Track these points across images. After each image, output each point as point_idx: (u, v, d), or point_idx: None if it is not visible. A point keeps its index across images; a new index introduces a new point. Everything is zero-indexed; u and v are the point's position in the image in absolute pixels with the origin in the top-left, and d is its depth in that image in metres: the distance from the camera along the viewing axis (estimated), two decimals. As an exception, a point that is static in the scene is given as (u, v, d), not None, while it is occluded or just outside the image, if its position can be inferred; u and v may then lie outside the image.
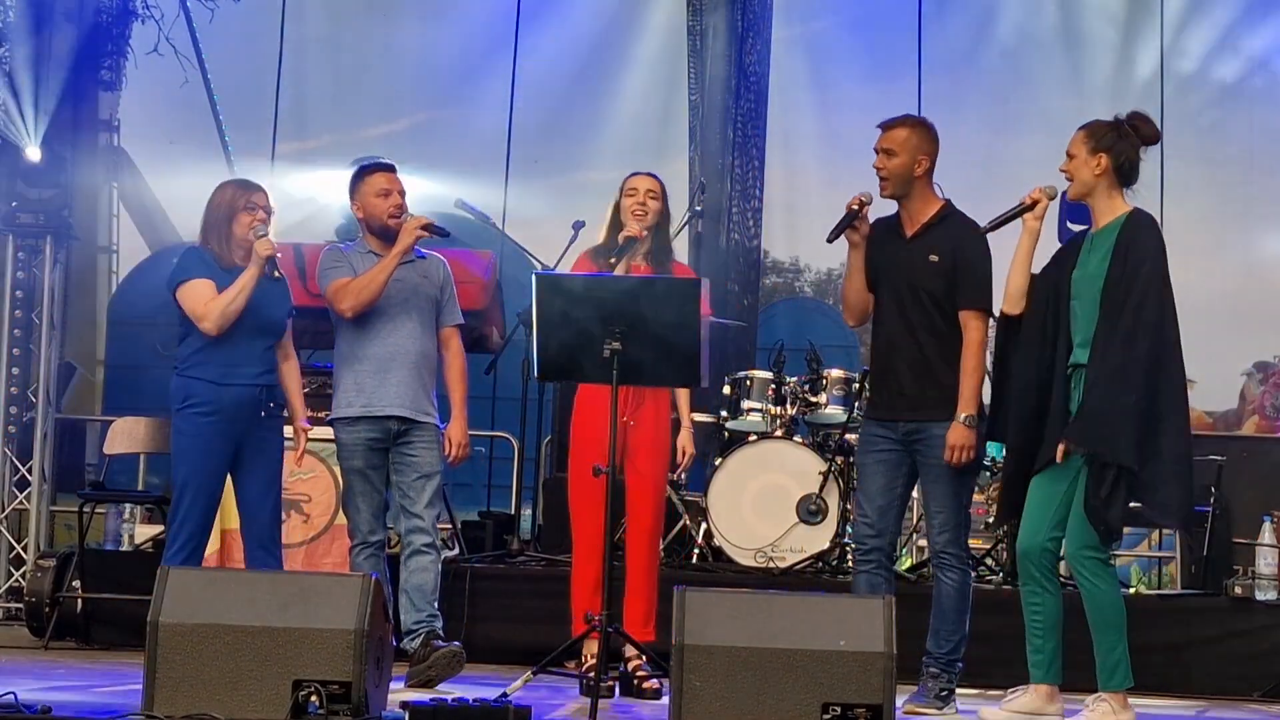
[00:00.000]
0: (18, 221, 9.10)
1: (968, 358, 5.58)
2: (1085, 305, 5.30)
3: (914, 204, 5.69)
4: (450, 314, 6.34)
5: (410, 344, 6.18)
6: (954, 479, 5.62)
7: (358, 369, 6.18)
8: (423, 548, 6.12)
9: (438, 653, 5.93)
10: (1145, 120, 5.40)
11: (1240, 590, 7.22)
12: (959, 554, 5.68)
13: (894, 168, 5.63)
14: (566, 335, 5.48)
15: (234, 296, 5.87)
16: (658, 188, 6.21)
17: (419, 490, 6.15)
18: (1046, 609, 5.38)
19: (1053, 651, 5.39)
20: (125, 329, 11.37)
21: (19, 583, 8.73)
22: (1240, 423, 11.14)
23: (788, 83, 11.03)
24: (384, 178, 6.27)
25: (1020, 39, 11.34)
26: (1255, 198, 11.10)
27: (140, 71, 10.57)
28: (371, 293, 6.10)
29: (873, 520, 5.70)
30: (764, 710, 4.56)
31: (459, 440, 6.25)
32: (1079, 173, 5.35)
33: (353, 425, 6.17)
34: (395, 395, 6.14)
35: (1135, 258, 5.23)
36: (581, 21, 11.53)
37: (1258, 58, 11.16)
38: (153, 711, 4.56)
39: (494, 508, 8.85)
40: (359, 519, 6.18)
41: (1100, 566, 5.26)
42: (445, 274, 6.36)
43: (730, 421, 8.08)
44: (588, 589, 5.94)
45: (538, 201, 11.10)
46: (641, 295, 5.53)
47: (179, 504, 5.96)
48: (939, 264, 5.61)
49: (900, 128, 5.66)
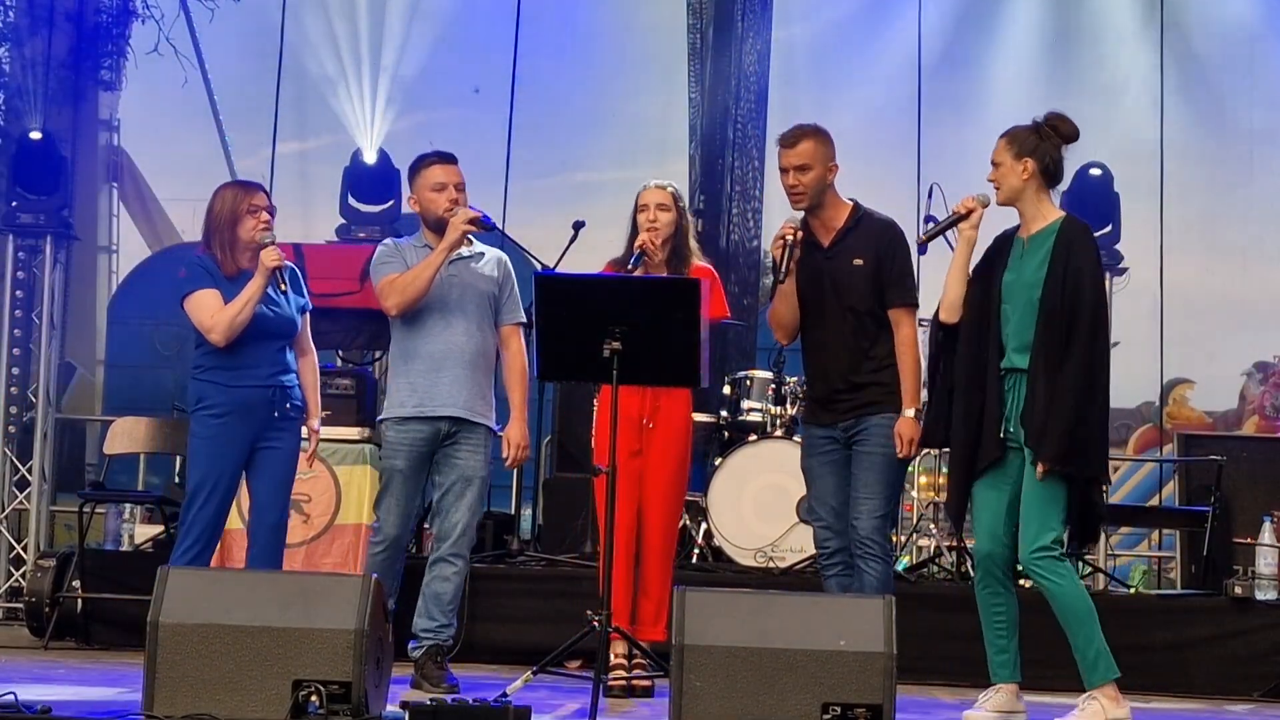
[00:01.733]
0: (18, 221, 9.10)
1: (905, 355, 5.63)
2: (1018, 310, 5.34)
3: (826, 212, 5.72)
4: (511, 312, 6.20)
5: (464, 341, 6.05)
6: (886, 469, 5.63)
7: (410, 368, 6.06)
8: (449, 556, 6.04)
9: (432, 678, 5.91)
10: (1063, 119, 5.43)
11: (1240, 590, 7.22)
12: (883, 543, 5.65)
13: (809, 181, 5.65)
14: (567, 335, 5.48)
15: (240, 308, 5.84)
16: (668, 199, 6.19)
17: (458, 494, 6.05)
18: (1009, 609, 5.43)
19: (1015, 650, 5.44)
20: (125, 329, 11.36)
21: (19, 583, 8.74)
22: (1240, 423, 11.14)
23: (788, 83, 11.03)
24: (441, 170, 6.10)
25: (1020, 39, 11.34)
26: (1255, 198, 11.10)
27: (140, 71, 10.58)
28: (417, 289, 5.96)
29: (830, 523, 5.71)
30: (764, 710, 4.56)
31: (517, 442, 6.13)
32: (1006, 179, 5.40)
33: (403, 425, 6.06)
34: (449, 394, 6.02)
35: (1074, 266, 5.28)
36: (581, 21, 11.53)
37: (1258, 58, 11.16)
38: (153, 711, 4.56)
39: (494, 508, 8.84)
40: (388, 519, 6.07)
41: (1055, 564, 5.27)
42: (505, 270, 6.21)
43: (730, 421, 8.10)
44: (617, 588, 5.90)
45: (538, 201, 11.10)
46: (641, 295, 5.54)
47: (190, 504, 5.93)
48: (863, 268, 5.64)
49: (805, 140, 5.67)
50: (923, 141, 10.59)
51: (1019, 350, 5.32)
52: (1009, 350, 5.35)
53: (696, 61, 10.63)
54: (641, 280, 5.89)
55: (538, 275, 5.63)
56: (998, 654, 5.45)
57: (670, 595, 5.99)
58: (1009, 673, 5.44)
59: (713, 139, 10.51)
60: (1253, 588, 7.24)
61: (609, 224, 6.40)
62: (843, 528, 5.69)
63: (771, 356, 8.35)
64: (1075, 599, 5.28)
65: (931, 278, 5.85)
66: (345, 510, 7.59)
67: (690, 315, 5.41)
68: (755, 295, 10.59)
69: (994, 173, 5.43)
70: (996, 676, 5.46)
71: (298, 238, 9.05)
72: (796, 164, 5.65)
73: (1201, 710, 6.58)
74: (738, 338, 10.08)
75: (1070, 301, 5.24)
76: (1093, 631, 5.26)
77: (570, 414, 8.50)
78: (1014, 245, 5.45)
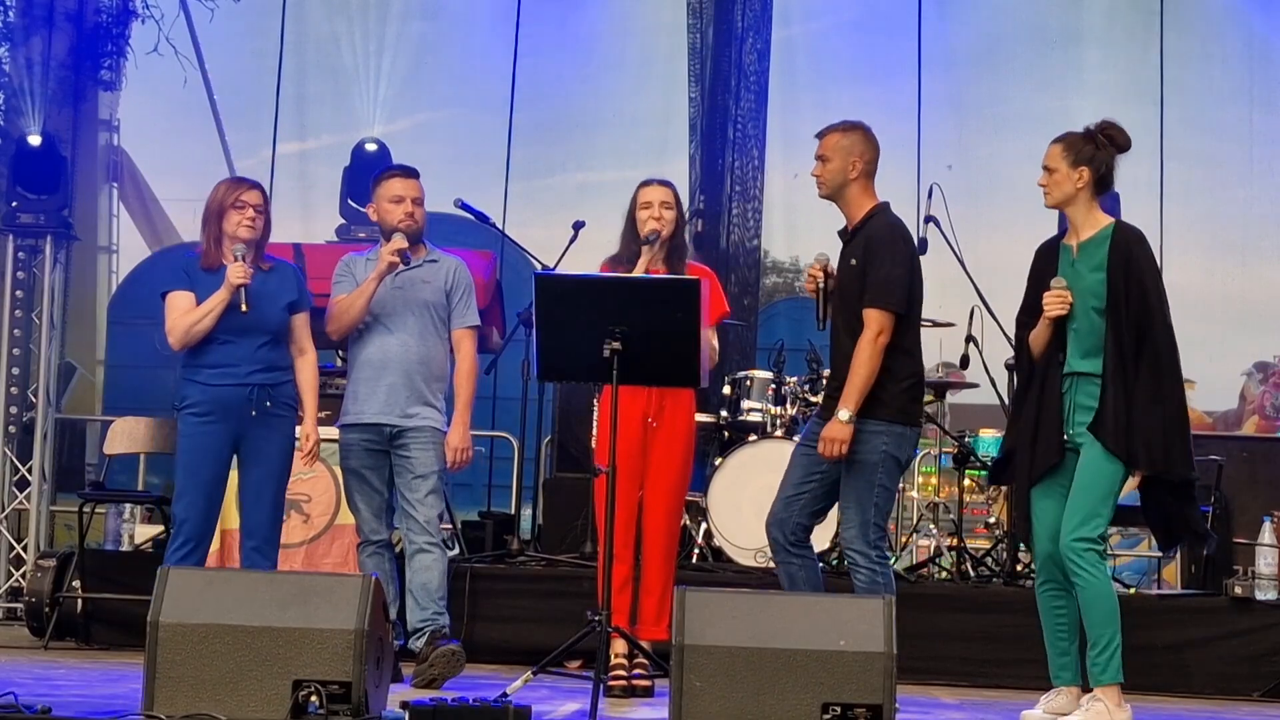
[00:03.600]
0: (18, 221, 9.11)
1: (859, 355, 5.50)
2: (1077, 317, 5.36)
3: (847, 208, 5.73)
4: (461, 316, 6.34)
5: (402, 351, 6.21)
6: (863, 474, 5.54)
7: (355, 376, 6.28)
8: (425, 546, 6.15)
9: (437, 651, 5.94)
10: (1119, 129, 5.47)
11: (1240, 590, 7.22)
12: (865, 551, 5.55)
13: (826, 172, 5.68)
14: (567, 335, 5.48)
15: (199, 319, 5.94)
16: (671, 197, 6.23)
17: (415, 490, 6.18)
18: (1070, 611, 5.44)
19: (1077, 653, 5.44)
20: (125, 329, 11.36)
21: (19, 583, 8.74)
22: (1240, 423, 11.14)
23: (788, 83, 11.03)
24: (400, 184, 6.28)
25: (1020, 39, 11.34)
26: (1255, 198, 11.10)
27: (140, 71, 10.57)
28: (351, 318, 6.21)
29: (777, 509, 5.66)
30: (764, 710, 4.56)
31: (455, 445, 6.25)
32: (1060, 187, 5.43)
33: (349, 430, 6.27)
34: (383, 403, 6.20)
35: (1135, 270, 5.31)
36: (581, 21, 11.53)
37: (1258, 59, 11.15)
38: (153, 711, 4.55)
39: (494, 508, 8.85)
40: (360, 519, 6.29)
41: (1095, 557, 5.29)
42: (457, 277, 6.35)
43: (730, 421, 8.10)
44: (615, 588, 5.90)
45: (538, 201, 11.10)
46: (641, 295, 5.53)
47: (177, 504, 6.01)
48: (855, 268, 5.64)
49: (832, 133, 5.71)
50: (923, 141, 10.60)
51: (1085, 356, 5.35)
52: (1071, 356, 5.38)
53: (696, 61, 10.63)
54: (641, 280, 5.88)
55: (538, 275, 5.64)
56: (1059, 656, 5.46)
57: (672, 594, 6.02)
58: (1071, 675, 5.45)
59: (713, 139, 10.50)
60: (1253, 588, 7.23)
61: (609, 224, 6.41)
62: (785, 516, 5.65)
63: (771, 356, 8.35)
64: (1104, 596, 5.28)
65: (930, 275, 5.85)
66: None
67: (690, 315, 5.41)
68: (755, 295, 10.60)
69: (1046, 178, 5.46)
70: (1058, 679, 5.47)
71: (298, 238, 9.05)
72: (818, 154, 5.72)
73: (1201, 710, 6.58)
74: (738, 338, 10.07)
75: (1138, 307, 5.28)
76: (1113, 633, 5.27)
77: (570, 414, 8.50)
78: (1062, 253, 5.48)
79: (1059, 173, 5.42)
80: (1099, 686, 5.28)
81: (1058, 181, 5.42)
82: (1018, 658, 6.90)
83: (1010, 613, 7.16)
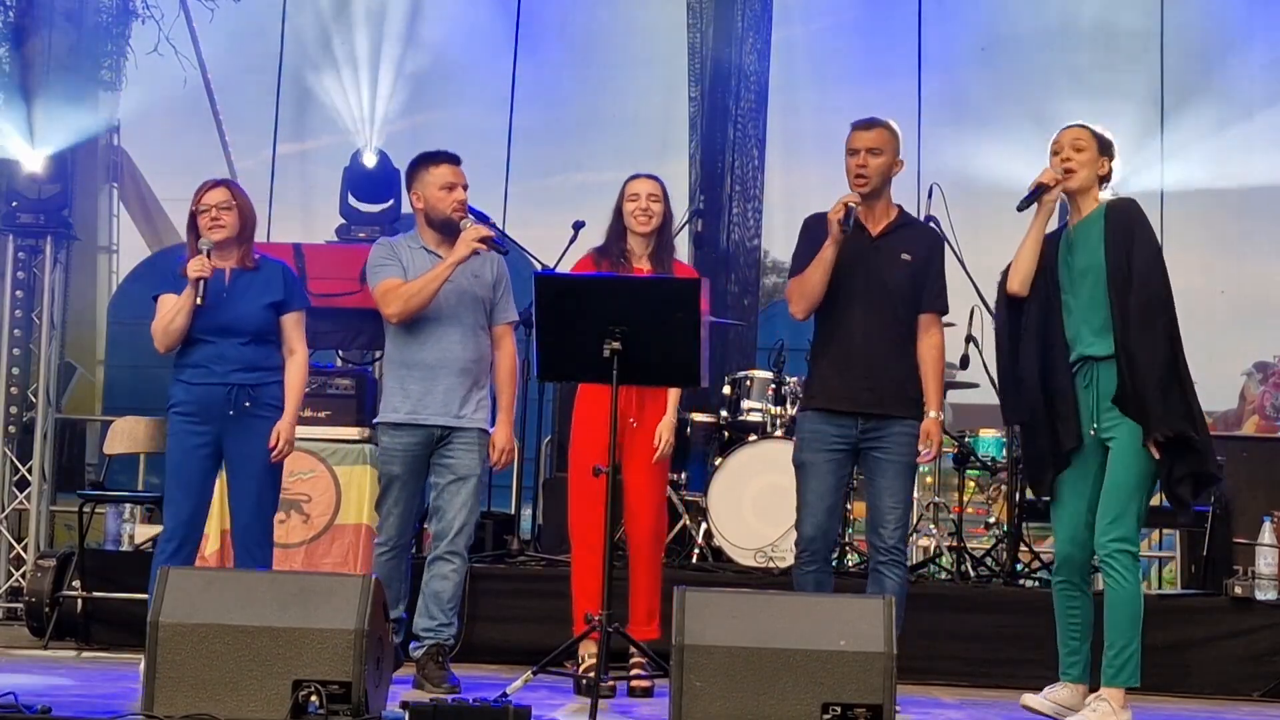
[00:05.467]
0: (18, 221, 9.10)
1: (934, 358, 5.70)
2: (1082, 296, 5.39)
3: (880, 204, 5.75)
4: (503, 312, 6.24)
5: (458, 350, 6.09)
6: (909, 476, 5.70)
7: (405, 375, 6.10)
8: (447, 555, 6.05)
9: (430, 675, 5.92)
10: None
11: (1240, 590, 7.22)
12: (905, 550, 5.72)
13: (877, 166, 5.68)
14: (567, 335, 5.49)
15: (171, 318, 5.94)
16: (659, 190, 6.24)
17: (453, 494, 6.07)
18: (1084, 612, 5.47)
19: (1088, 652, 5.47)
20: (125, 329, 11.34)
21: (19, 583, 8.74)
22: (1240, 423, 11.14)
23: (787, 83, 11.03)
24: (450, 170, 6.13)
25: (1020, 39, 11.33)
26: (1255, 197, 11.10)
27: (140, 71, 10.56)
28: (421, 301, 6.00)
29: (820, 520, 5.64)
30: (764, 710, 4.56)
31: (502, 445, 6.16)
32: (1087, 168, 5.46)
33: (396, 430, 6.09)
34: (441, 404, 6.06)
35: (1140, 239, 5.33)
36: (581, 22, 11.53)
37: (1258, 60, 11.15)
38: (153, 711, 4.56)
39: (494, 508, 8.85)
40: (388, 523, 6.12)
41: (1133, 561, 5.32)
42: (499, 271, 6.24)
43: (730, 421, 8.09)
44: (589, 589, 5.94)
45: (538, 201, 11.10)
46: (641, 295, 5.54)
47: (165, 504, 6.01)
48: (911, 263, 5.68)
49: (881, 127, 5.72)
50: (923, 141, 10.59)
51: (1094, 334, 5.36)
52: (1079, 339, 5.39)
53: (696, 61, 10.63)
54: (641, 280, 5.90)
55: (538, 275, 5.64)
56: (1069, 654, 5.48)
57: (660, 594, 6.04)
58: (1078, 673, 5.47)
59: (713, 139, 10.51)
60: (1253, 588, 7.24)
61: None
62: (830, 526, 5.66)
63: (771, 356, 8.34)
64: (1131, 601, 5.29)
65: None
66: (345, 510, 7.59)
67: (690, 315, 5.41)
68: (755, 295, 10.60)
69: (1077, 157, 5.46)
70: (1066, 675, 5.49)
71: (298, 238, 9.04)
72: (869, 146, 5.67)
73: (1201, 710, 6.58)
74: (738, 337, 10.07)
75: (1143, 276, 5.29)
76: (1136, 636, 5.29)
77: (570, 414, 8.48)
78: (1061, 238, 5.51)
79: (1089, 153, 5.45)
80: (1109, 687, 5.28)
81: (1087, 161, 5.45)
82: (1018, 658, 6.91)
83: (1010, 613, 7.17)
